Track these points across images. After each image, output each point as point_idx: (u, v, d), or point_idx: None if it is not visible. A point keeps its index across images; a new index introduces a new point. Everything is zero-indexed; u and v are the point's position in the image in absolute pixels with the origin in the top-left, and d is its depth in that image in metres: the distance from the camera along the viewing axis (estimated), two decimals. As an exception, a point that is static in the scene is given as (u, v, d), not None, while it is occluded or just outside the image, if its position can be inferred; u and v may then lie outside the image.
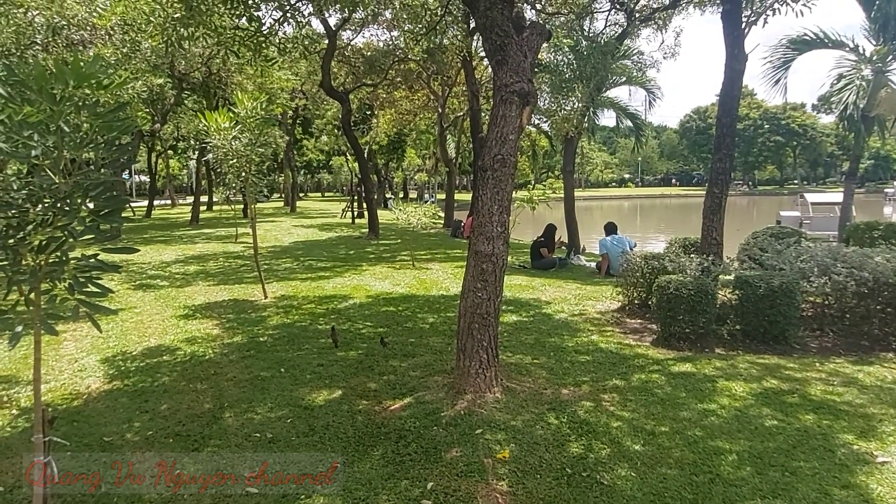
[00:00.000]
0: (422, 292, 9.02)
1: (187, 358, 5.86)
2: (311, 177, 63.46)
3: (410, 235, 16.80)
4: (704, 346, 6.20)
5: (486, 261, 4.73)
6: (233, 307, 8.06)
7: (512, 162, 4.90)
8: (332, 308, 7.92)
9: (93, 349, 6.14)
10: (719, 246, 7.19)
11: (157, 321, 7.31)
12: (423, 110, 25.14)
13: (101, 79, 2.39)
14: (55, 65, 2.31)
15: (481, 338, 4.72)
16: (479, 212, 4.84)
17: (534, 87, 5.02)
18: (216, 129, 7.65)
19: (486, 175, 4.83)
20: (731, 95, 6.94)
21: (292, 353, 5.98)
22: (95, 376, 5.39)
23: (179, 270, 11.25)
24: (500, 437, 3.99)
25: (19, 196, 2.55)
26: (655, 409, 4.52)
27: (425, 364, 5.55)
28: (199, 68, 16.70)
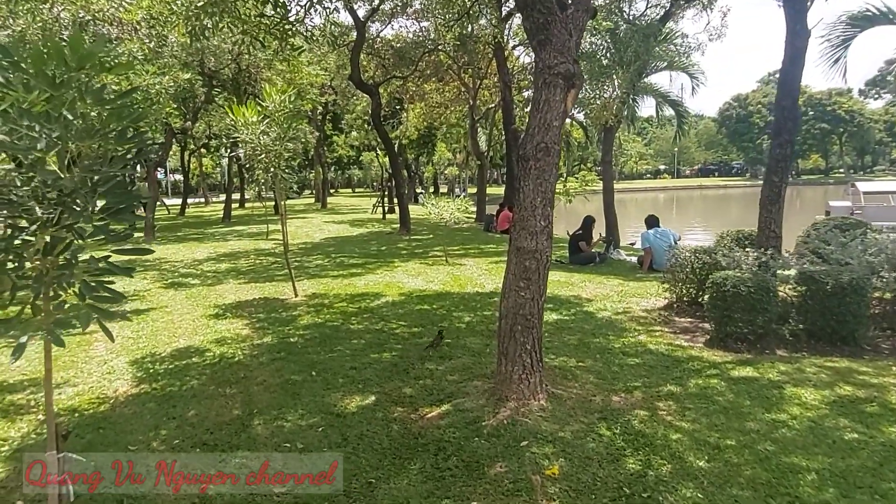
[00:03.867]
0: (456, 289, 8.70)
1: (217, 360, 5.66)
2: (341, 173, 63.61)
3: (442, 230, 16.49)
4: (764, 347, 5.74)
5: (528, 258, 4.38)
6: (263, 306, 7.87)
7: (556, 151, 4.54)
8: (364, 307, 7.67)
9: (123, 350, 5.99)
10: (778, 239, 6.69)
11: (187, 321, 7.15)
12: (454, 103, 24.73)
13: (104, 59, 2.12)
14: (53, 44, 2.05)
15: (524, 340, 4.38)
16: (521, 205, 4.49)
17: (579, 69, 4.65)
18: (244, 124, 7.45)
19: (528, 165, 4.48)
20: (793, 75, 6.42)
21: (324, 354, 5.73)
22: (124, 379, 5.23)
23: (211, 268, 11.16)
24: (549, 451, 3.66)
25: (22, 193, 2.31)
26: (718, 419, 4.12)
27: (463, 367, 5.23)
28: (229, 65, 16.65)
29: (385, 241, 15.36)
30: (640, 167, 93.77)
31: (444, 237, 15.28)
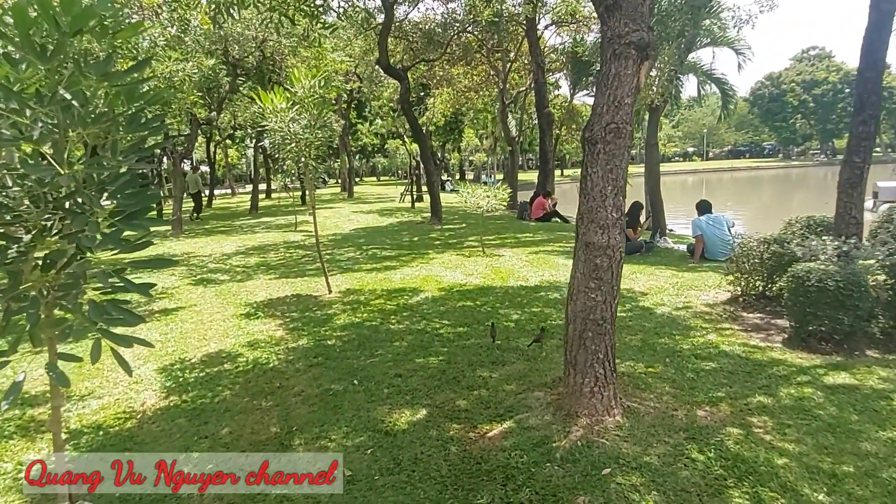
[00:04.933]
0: (498, 283, 8.18)
1: (250, 367, 5.25)
2: (365, 161, 63.19)
3: (475, 219, 15.94)
4: (853, 348, 5.13)
5: (600, 254, 3.85)
6: (296, 304, 7.46)
7: (628, 132, 3.97)
8: (402, 304, 7.20)
9: (150, 356, 5.62)
10: (859, 226, 6.01)
11: (217, 321, 6.77)
12: (484, 85, 23.93)
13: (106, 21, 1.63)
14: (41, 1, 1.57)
15: (596, 349, 3.85)
16: (589, 194, 3.94)
17: (653, 37, 4.05)
18: (272, 111, 6.99)
19: (597, 149, 3.92)
20: (878, 43, 5.71)
21: (364, 360, 5.28)
22: (152, 389, 4.84)
23: (240, 263, 10.81)
24: (636, 481, 3.14)
25: (15, 194, 1.85)
26: (825, 438, 3.55)
27: (519, 375, 4.73)
28: (253, 52, 16.24)
29: (417, 232, 14.86)
30: (668, 150, 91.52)
31: (478, 226, 14.73)
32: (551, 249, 11.08)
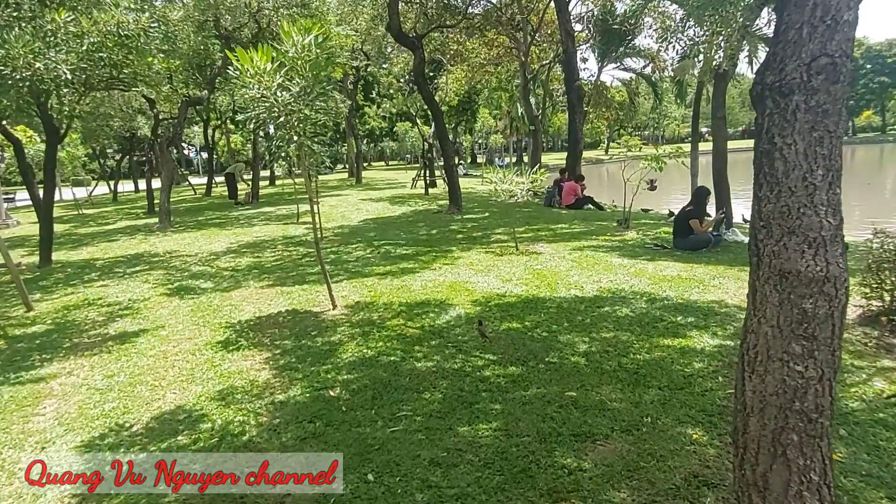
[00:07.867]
0: (546, 293, 6.46)
1: (214, 440, 3.58)
2: (373, 145, 61.14)
3: (498, 207, 14.14)
4: None
5: (808, 293, 2.12)
6: (290, 325, 5.79)
7: (846, 73, 2.22)
8: (428, 326, 5.51)
9: (79, 418, 3.98)
10: None
11: (184, 354, 5.12)
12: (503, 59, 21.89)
13: None
14: None
15: (806, 464, 2.15)
16: (781, 183, 2.21)
17: None
18: (254, 74, 5.28)
19: (791, 103, 2.19)
20: None
21: (381, 427, 3.61)
22: (52, 495, 3.19)
23: (229, 265, 9.14)
24: None
25: None
26: None
27: (624, 464, 3.04)
28: (247, 23, 14.44)
29: (435, 223, 13.03)
30: (681, 130, 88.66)
31: (504, 215, 12.98)
32: (597, 245, 9.32)
